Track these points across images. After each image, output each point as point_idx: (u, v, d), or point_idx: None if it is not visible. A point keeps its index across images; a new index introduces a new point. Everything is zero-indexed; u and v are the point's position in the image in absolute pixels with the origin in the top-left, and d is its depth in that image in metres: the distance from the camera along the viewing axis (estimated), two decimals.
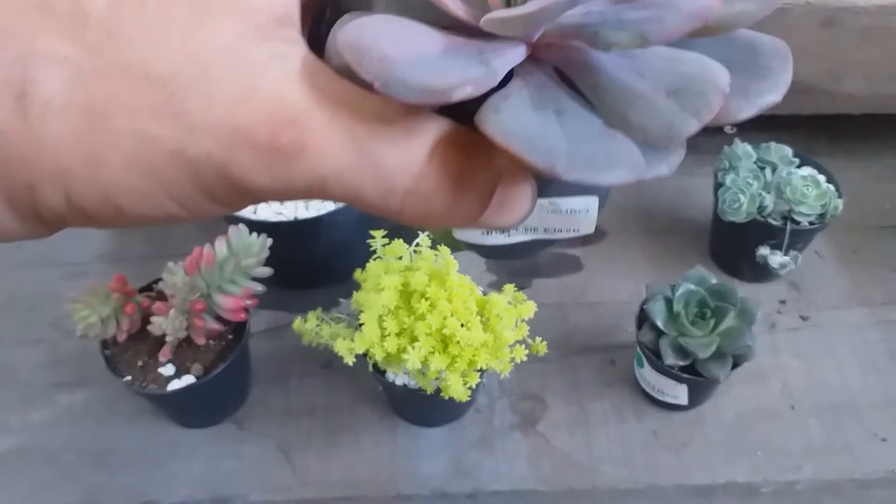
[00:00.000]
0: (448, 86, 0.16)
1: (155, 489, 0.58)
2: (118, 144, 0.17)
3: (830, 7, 0.63)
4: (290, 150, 0.17)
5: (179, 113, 0.16)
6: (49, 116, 0.16)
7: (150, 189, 0.17)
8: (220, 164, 0.17)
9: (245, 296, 0.57)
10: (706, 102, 0.18)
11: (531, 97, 0.19)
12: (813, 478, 0.58)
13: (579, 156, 0.17)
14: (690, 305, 0.58)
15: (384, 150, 0.17)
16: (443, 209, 0.18)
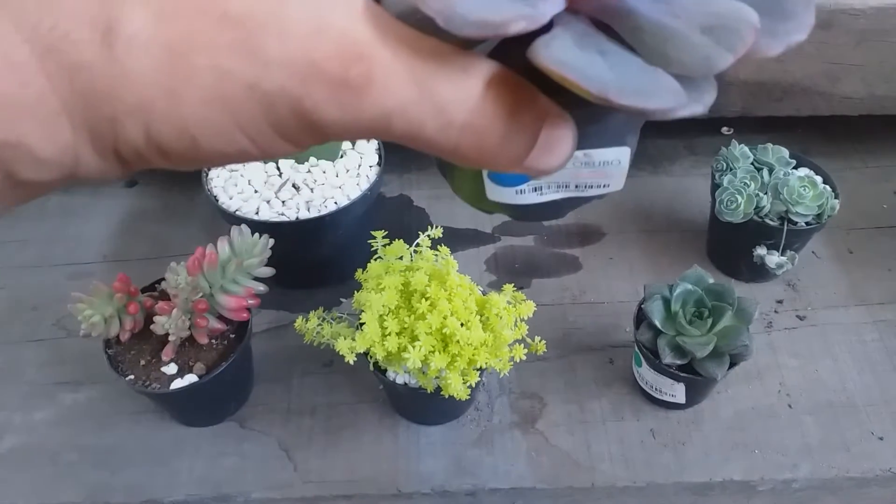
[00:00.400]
0: (504, 20, 0.17)
1: (157, 487, 0.59)
2: (197, 80, 0.17)
3: (827, 9, 0.63)
4: (359, 83, 0.18)
5: (256, 49, 0.17)
6: (133, 52, 0.17)
7: (225, 123, 0.18)
8: (293, 98, 0.18)
9: (247, 295, 0.58)
10: (740, 37, 0.19)
11: (574, 40, 0.20)
12: (810, 476, 0.59)
13: (626, 85, 0.18)
14: (688, 305, 0.59)
15: (442, 85, 0.18)
16: (494, 144, 0.19)
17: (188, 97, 0.18)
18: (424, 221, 0.79)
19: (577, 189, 0.30)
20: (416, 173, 0.84)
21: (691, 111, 0.19)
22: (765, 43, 0.20)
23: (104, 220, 0.82)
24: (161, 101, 0.18)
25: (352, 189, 0.66)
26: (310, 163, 0.69)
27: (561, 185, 0.30)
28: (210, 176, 0.68)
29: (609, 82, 0.18)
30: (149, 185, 0.86)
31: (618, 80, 0.19)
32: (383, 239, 0.55)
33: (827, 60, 0.68)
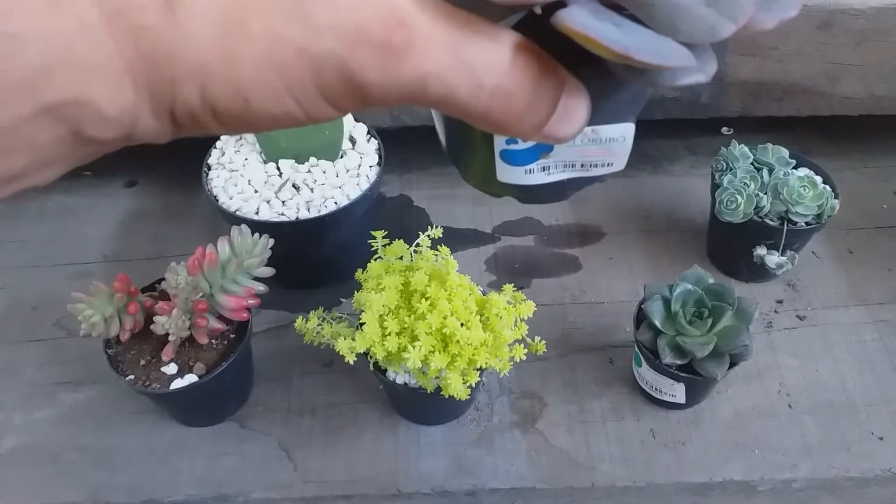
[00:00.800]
0: None
1: (157, 487, 0.59)
2: (252, 44, 0.19)
3: (827, 9, 0.63)
4: (400, 47, 0.19)
5: (306, 15, 0.19)
6: (193, 17, 0.18)
7: (276, 86, 0.19)
8: (340, 60, 0.19)
9: (247, 295, 0.58)
10: (741, 8, 0.21)
11: (591, 12, 0.22)
12: (810, 476, 0.59)
13: (644, 46, 0.20)
14: (688, 305, 0.59)
15: (475, 52, 0.20)
16: (521, 108, 0.21)
17: (243, 60, 0.19)
18: (424, 221, 0.79)
19: (582, 168, 0.32)
20: (416, 173, 0.84)
21: (696, 79, 0.21)
22: (761, 17, 0.22)
23: (104, 220, 0.82)
24: (217, 63, 0.19)
25: (352, 189, 0.66)
26: (310, 163, 0.69)
27: (568, 165, 0.31)
28: (210, 176, 0.68)
29: (629, 43, 0.20)
30: (149, 185, 0.86)
31: (636, 42, 0.20)
32: (383, 239, 0.55)
33: (827, 60, 0.68)
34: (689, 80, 0.22)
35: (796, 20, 0.66)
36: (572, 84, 0.22)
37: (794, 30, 0.65)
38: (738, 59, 0.67)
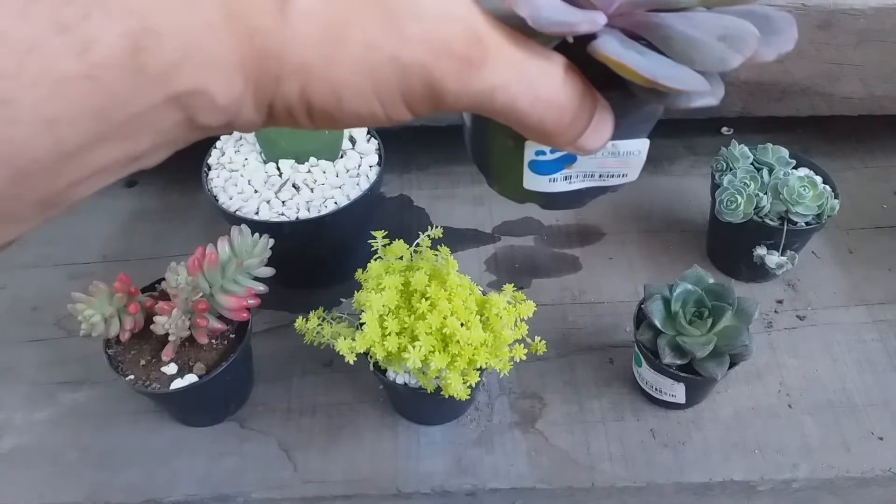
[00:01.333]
0: (575, 22, 0.24)
1: (157, 487, 0.59)
2: (349, 50, 0.22)
3: (827, 10, 0.63)
4: (476, 61, 0.23)
5: (399, 28, 0.22)
6: (302, 23, 0.21)
7: (366, 88, 0.22)
8: (425, 69, 0.22)
9: (247, 295, 0.58)
10: (746, 43, 0.26)
11: (619, 42, 0.26)
12: (810, 476, 0.59)
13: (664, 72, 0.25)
14: (688, 305, 0.59)
15: (534, 69, 0.23)
16: (569, 119, 0.24)
17: (341, 63, 0.22)
18: (424, 221, 0.79)
19: (600, 178, 0.36)
20: (416, 173, 0.84)
21: (708, 101, 0.26)
22: (763, 50, 0.26)
23: (104, 220, 0.82)
24: (319, 65, 0.22)
25: (352, 189, 0.66)
26: (310, 163, 0.69)
27: (588, 175, 0.35)
28: (210, 176, 0.68)
29: (656, 70, 0.24)
30: (149, 185, 0.86)
31: (661, 69, 0.25)
32: (383, 239, 0.55)
33: (826, 61, 0.68)
34: (701, 102, 0.26)
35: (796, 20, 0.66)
36: (602, 103, 0.25)
37: None
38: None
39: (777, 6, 0.62)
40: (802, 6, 0.63)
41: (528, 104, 0.24)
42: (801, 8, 0.63)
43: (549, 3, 0.26)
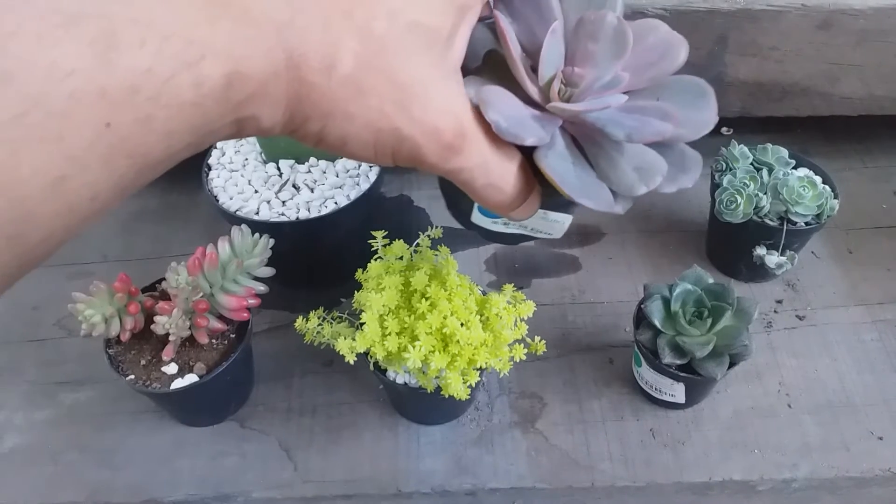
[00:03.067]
0: (525, 137, 0.32)
1: (158, 487, 0.59)
2: (366, 112, 0.28)
3: (826, 10, 0.63)
4: (456, 148, 0.30)
5: (408, 107, 0.29)
6: (339, 83, 0.28)
7: (368, 141, 0.29)
8: (416, 144, 0.29)
9: (247, 295, 0.58)
10: (653, 178, 0.34)
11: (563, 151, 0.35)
12: (809, 476, 0.59)
13: (582, 190, 0.33)
14: (688, 305, 0.59)
15: (494, 163, 0.32)
16: (509, 199, 0.33)
17: (356, 120, 0.29)
18: (424, 221, 0.79)
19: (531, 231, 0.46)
20: (415, 173, 0.84)
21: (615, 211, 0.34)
22: (664, 185, 0.34)
23: (104, 220, 0.82)
24: (339, 116, 0.28)
25: (352, 189, 0.66)
26: (310, 163, 0.69)
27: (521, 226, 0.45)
28: (210, 176, 0.68)
29: (574, 188, 0.33)
30: (149, 185, 0.86)
31: (580, 187, 0.34)
32: (383, 239, 0.55)
33: (826, 61, 0.68)
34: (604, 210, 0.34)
35: (795, 20, 0.66)
36: (536, 191, 0.35)
37: (794, 30, 0.65)
38: (737, 59, 0.67)
39: (776, 6, 0.63)
40: (802, 6, 0.63)
41: (482, 185, 0.32)
42: (801, 8, 0.63)
43: (511, 114, 0.33)
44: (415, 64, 0.30)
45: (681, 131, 0.37)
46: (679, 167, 0.37)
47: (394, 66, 0.29)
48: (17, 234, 0.20)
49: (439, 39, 0.31)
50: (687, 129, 0.38)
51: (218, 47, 0.24)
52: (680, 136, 0.38)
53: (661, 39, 0.38)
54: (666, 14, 0.62)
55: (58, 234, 0.22)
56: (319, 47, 0.27)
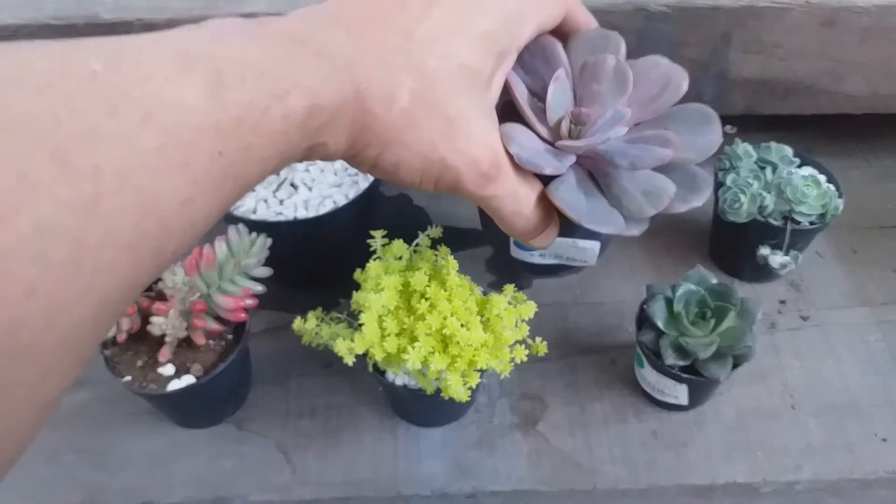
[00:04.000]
0: (544, 167, 0.37)
1: (154, 489, 0.58)
2: (418, 142, 0.33)
3: (830, 7, 0.63)
4: (492, 178, 0.35)
5: (454, 140, 0.34)
6: (398, 115, 0.32)
7: (417, 168, 0.34)
8: (458, 172, 0.34)
9: (245, 296, 0.57)
10: (661, 201, 0.38)
11: (574, 183, 0.40)
12: (813, 478, 0.58)
13: (594, 217, 0.38)
14: (691, 305, 0.58)
15: (521, 192, 0.37)
16: (532, 226, 0.38)
17: (410, 148, 0.33)
18: (424, 221, 0.78)
19: (567, 260, 0.55)
20: None
21: (629, 233, 0.39)
22: (675, 204, 0.38)
23: None
24: (396, 144, 0.33)
25: (350, 188, 0.66)
26: (308, 161, 0.68)
27: (557, 256, 0.54)
28: None
29: (584, 215, 0.38)
30: None
31: (590, 213, 0.38)
32: (382, 239, 0.55)
33: (830, 58, 0.67)
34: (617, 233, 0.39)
35: (799, 18, 0.65)
36: (554, 222, 0.40)
37: (798, 28, 0.64)
38: (741, 56, 0.66)
39: (780, 3, 0.62)
40: (806, 3, 0.62)
41: (509, 213, 0.37)
42: (805, 6, 0.62)
43: (530, 147, 0.38)
44: (461, 101, 0.34)
45: (688, 155, 0.41)
46: (690, 188, 0.40)
47: (443, 102, 0.33)
48: (159, 247, 0.24)
49: (481, 81, 0.36)
50: (693, 152, 0.41)
51: (300, 82, 0.28)
52: (687, 160, 0.41)
53: (662, 74, 0.43)
54: (669, 11, 0.61)
55: (182, 248, 0.25)
56: (381, 82, 0.31)
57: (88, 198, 0.21)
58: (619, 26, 0.62)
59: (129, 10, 0.60)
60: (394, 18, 0.33)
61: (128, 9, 0.60)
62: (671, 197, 0.39)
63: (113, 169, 0.21)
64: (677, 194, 0.40)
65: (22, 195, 0.19)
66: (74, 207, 0.20)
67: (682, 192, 0.40)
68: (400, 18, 0.33)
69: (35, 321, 0.20)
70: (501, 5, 0.37)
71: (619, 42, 0.44)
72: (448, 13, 0.35)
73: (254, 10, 0.59)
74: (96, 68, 0.22)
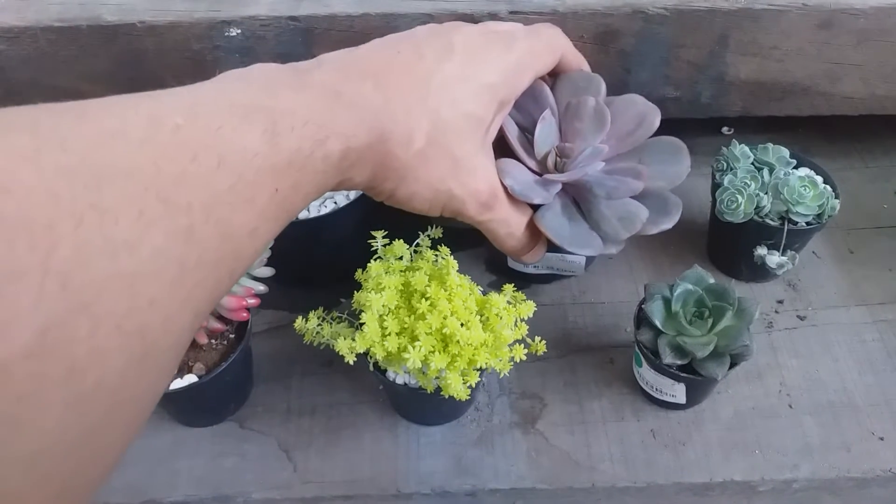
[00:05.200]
0: (533, 198, 0.46)
1: (157, 487, 0.59)
2: (430, 177, 0.40)
3: (827, 9, 0.63)
4: (489, 206, 0.44)
5: (459, 175, 0.42)
6: (414, 156, 0.39)
7: (427, 198, 0.42)
8: (462, 202, 0.43)
9: (247, 295, 0.58)
10: (634, 226, 0.46)
11: (559, 210, 0.48)
12: (810, 476, 0.58)
13: (575, 241, 0.47)
14: (688, 305, 0.58)
15: (513, 218, 0.46)
16: (522, 245, 0.48)
17: (421, 182, 0.40)
18: (424, 221, 0.79)
19: (557, 270, 0.65)
20: None
21: (607, 252, 0.47)
22: (647, 227, 0.47)
23: None
24: (411, 179, 0.40)
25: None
26: None
27: (549, 268, 0.64)
28: None
29: (566, 239, 0.46)
30: None
31: (571, 238, 0.47)
32: (383, 239, 0.55)
33: (827, 60, 0.68)
34: (595, 254, 0.48)
35: (796, 20, 0.66)
36: (542, 241, 0.49)
37: (794, 30, 0.64)
38: (738, 58, 0.66)
39: (777, 6, 0.62)
40: (803, 6, 0.63)
41: (503, 234, 0.46)
42: (801, 8, 0.63)
43: (522, 179, 0.46)
44: (466, 143, 0.41)
45: (659, 183, 0.48)
46: (661, 212, 0.48)
47: (452, 144, 0.40)
48: (233, 269, 0.28)
49: (483, 126, 0.42)
50: (664, 180, 0.48)
51: (337, 130, 0.33)
52: (659, 188, 0.48)
53: (638, 112, 0.50)
54: (667, 13, 0.62)
55: (245, 270, 0.30)
56: (403, 127, 0.37)
57: (185, 228, 0.25)
58: (618, 29, 0.63)
59: (131, 12, 0.60)
60: (413, 68, 0.40)
61: (130, 11, 0.60)
62: (643, 222, 0.46)
63: (200, 204, 0.26)
64: (649, 218, 0.47)
65: (142, 228, 0.23)
66: (178, 237, 0.25)
67: (653, 216, 0.47)
68: (418, 69, 0.40)
69: (156, 327, 0.24)
70: (503, 60, 0.43)
71: (600, 84, 0.51)
72: (459, 67, 0.41)
73: (255, 13, 0.59)
74: (178, 122, 0.26)
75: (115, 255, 0.22)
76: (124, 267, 0.22)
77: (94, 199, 0.22)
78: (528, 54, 0.46)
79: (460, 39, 0.42)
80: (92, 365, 0.22)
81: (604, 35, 0.62)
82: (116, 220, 0.22)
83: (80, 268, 0.21)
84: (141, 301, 0.23)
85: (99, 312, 0.22)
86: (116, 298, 0.22)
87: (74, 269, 0.21)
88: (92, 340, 0.21)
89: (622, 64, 0.64)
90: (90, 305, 0.21)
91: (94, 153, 0.23)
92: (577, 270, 0.63)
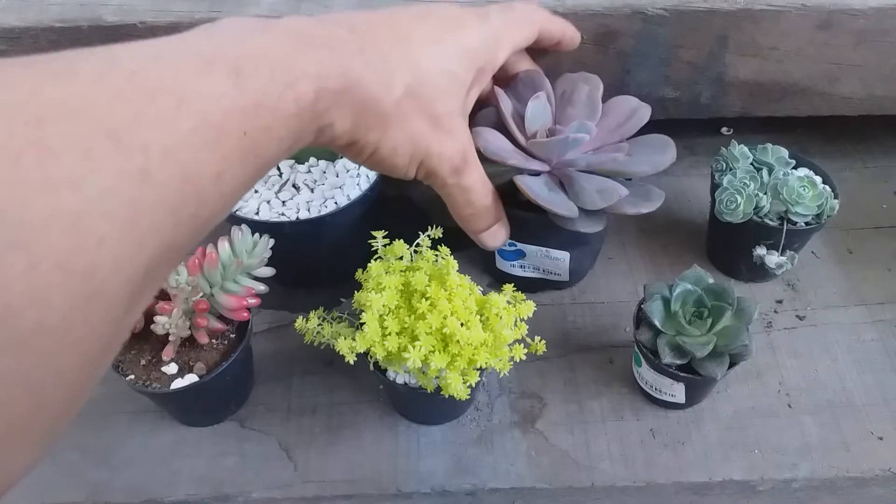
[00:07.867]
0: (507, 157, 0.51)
1: (157, 487, 0.59)
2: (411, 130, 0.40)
3: (826, 9, 0.63)
4: (459, 170, 0.45)
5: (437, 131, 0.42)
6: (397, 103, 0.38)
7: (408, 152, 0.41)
8: (438, 161, 0.43)
9: (247, 295, 0.58)
10: (611, 197, 0.50)
11: (542, 181, 0.52)
12: (810, 476, 0.59)
13: (551, 200, 0.50)
14: (688, 305, 0.59)
15: (477, 185, 0.47)
16: (478, 218, 0.49)
17: (405, 133, 0.40)
18: (424, 221, 0.79)
19: (543, 272, 0.64)
20: None
21: (587, 229, 0.51)
22: (627, 207, 0.50)
23: None
24: (393, 129, 0.39)
25: (352, 189, 0.66)
26: (309, 163, 0.69)
27: (535, 268, 0.64)
28: None
29: (541, 198, 0.49)
30: None
31: (547, 198, 0.50)
32: (383, 239, 0.55)
33: (826, 61, 0.68)
34: (577, 227, 0.51)
35: (795, 20, 0.66)
36: (504, 220, 0.51)
37: (793, 30, 0.64)
38: (737, 58, 0.67)
39: (776, 6, 0.63)
40: (802, 6, 0.63)
41: (461, 200, 0.47)
42: (800, 8, 0.63)
43: (496, 143, 0.50)
44: (447, 101, 0.41)
45: (642, 167, 0.51)
46: (643, 197, 0.51)
47: (435, 99, 0.40)
48: (195, 213, 0.27)
49: (463, 88, 0.43)
50: (647, 166, 0.51)
51: (308, 70, 0.32)
52: (641, 171, 0.51)
53: (630, 107, 0.54)
54: (666, 14, 0.62)
55: (214, 217, 0.29)
56: (381, 70, 0.37)
57: (140, 169, 0.24)
58: (617, 29, 0.63)
59: (132, 13, 0.60)
60: (392, 22, 0.39)
61: (131, 12, 0.61)
62: (620, 196, 0.49)
63: (158, 146, 0.25)
64: (631, 200, 0.49)
65: (88, 167, 0.23)
66: (131, 177, 0.24)
67: (635, 199, 0.49)
68: (397, 24, 0.40)
69: (105, 268, 0.23)
70: (479, 28, 0.44)
71: (598, 83, 0.54)
72: (435, 28, 0.41)
73: (256, 13, 0.60)
74: (135, 68, 0.26)
75: (56, 192, 0.22)
76: (67, 205, 0.22)
77: (35, 137, 0.22)
78: (504, 26, 0.46)
79: (437, 9, 0.43)
80: (30, 304, 0.21)
81: (603, 36, 0.62)
82: (58, 158, 0.22)
83: (16, 205, 0.21)
84: (88, 241, 0.22)
85: (38, 250, 0.21)
86: (58, 236, 0.22)
87: (9, 206, 0.21)
88: (29, 277, 0.21)
89: (622, 64, 0.65)
90: (28, 243, 0.21)
91: (40, 91, 0.23)
92: (562, 273, 0.62)
